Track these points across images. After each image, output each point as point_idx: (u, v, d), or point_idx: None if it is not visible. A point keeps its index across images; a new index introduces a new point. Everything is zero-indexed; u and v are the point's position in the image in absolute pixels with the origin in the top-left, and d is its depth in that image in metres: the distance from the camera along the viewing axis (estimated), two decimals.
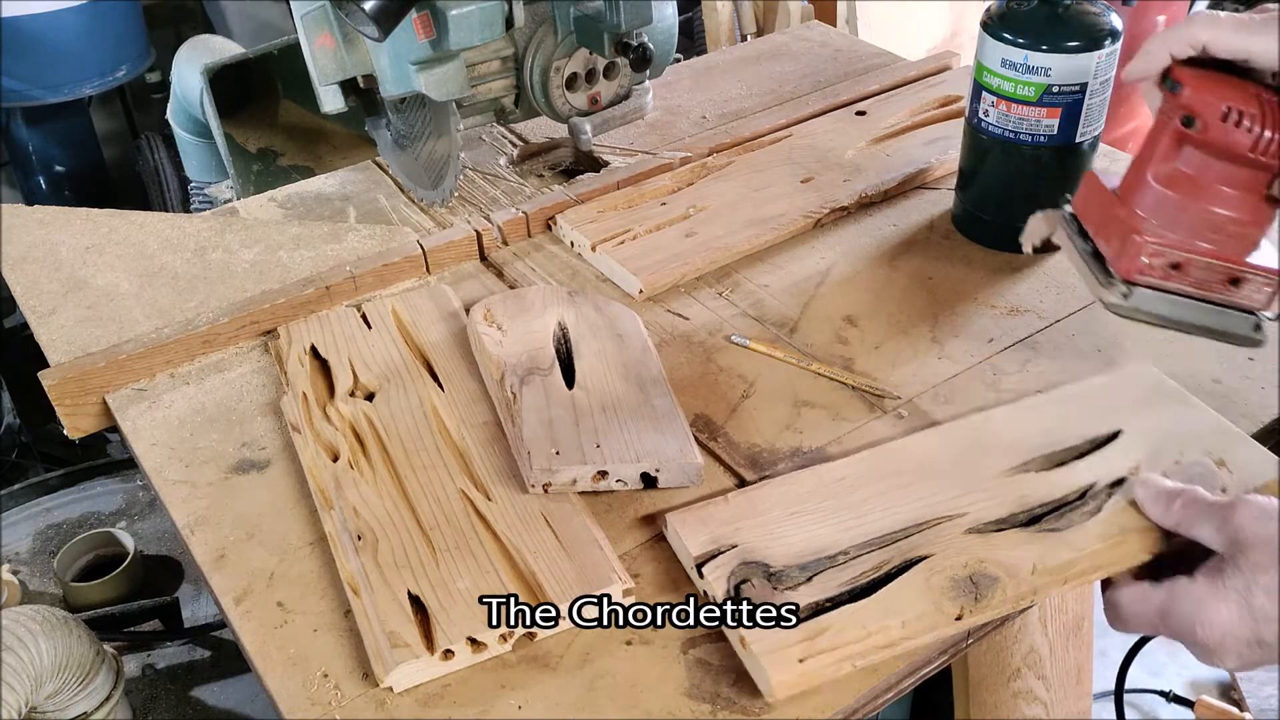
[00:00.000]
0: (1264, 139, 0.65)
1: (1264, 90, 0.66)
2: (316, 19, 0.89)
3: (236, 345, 0.89)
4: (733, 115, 1.17)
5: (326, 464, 0.74)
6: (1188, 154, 0.69)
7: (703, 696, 0.61)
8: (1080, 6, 0.86)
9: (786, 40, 1.34)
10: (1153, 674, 1.82)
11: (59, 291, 0.94)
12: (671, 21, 0.99)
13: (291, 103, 1.58)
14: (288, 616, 0.66)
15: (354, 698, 0.61)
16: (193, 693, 0.96)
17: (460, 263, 0.98)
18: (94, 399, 0.84)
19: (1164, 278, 0.71)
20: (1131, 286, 0.72)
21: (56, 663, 0.76)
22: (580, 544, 0.67)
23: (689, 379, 0.83)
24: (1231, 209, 0.69)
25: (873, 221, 1.01)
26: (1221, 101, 0.65)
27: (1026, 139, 0.89)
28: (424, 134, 1.02)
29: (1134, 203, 0.72)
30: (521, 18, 0.89)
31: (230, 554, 0.70)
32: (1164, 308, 0.72)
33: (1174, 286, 0.71)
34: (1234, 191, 0.69)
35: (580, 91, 1.00)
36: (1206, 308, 0.72)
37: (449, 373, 0.82)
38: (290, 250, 0.98)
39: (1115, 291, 0.73)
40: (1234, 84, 0.66)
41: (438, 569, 0.66)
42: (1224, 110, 0.65)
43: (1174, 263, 0.70)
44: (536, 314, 0.85)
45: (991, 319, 0.88)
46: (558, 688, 0.61)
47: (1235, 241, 0.69)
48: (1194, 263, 0.70)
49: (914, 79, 1.21)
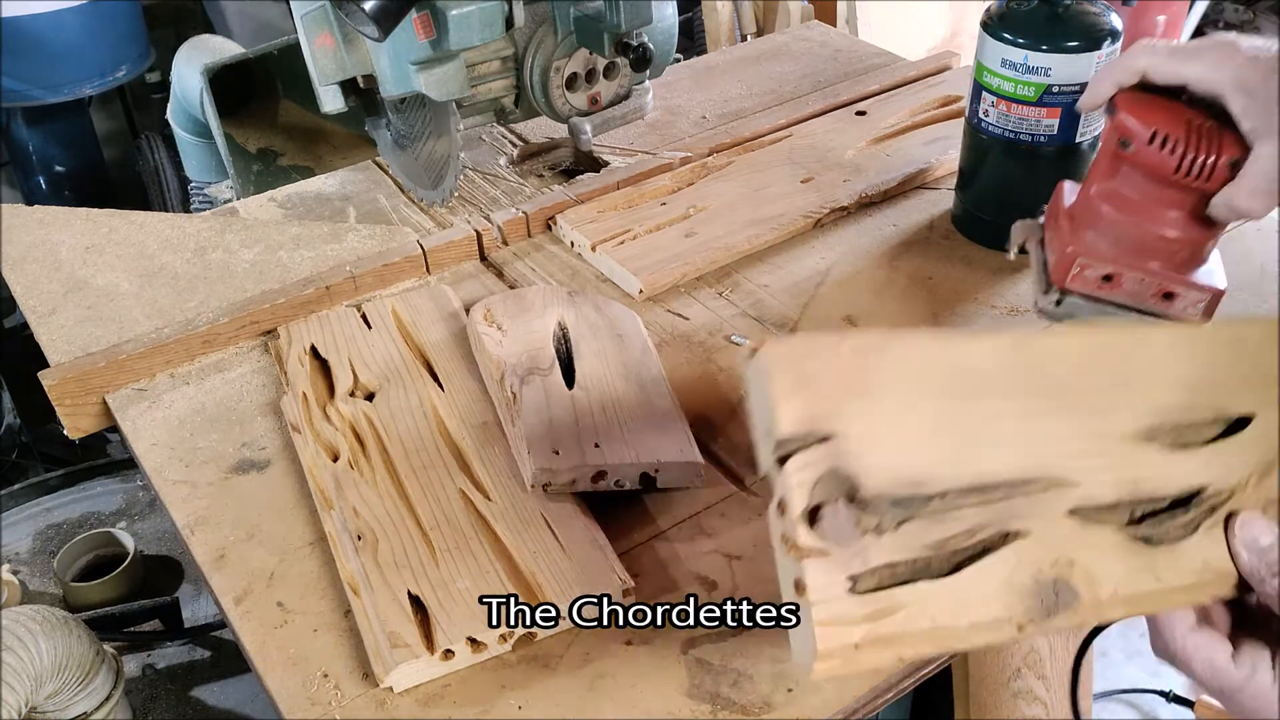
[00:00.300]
0: (1187, 161, 0.67)
1: (1198, 115, 0.68)
2: (316, 19, 0.89)
3: (236, 345, 0.89)
4: (733, 115, 1.17)
5: (326, 464, 0.74)
6: (1125, 173, 0.72)
7: (703, 697, 0.61)
8: (1080, 6, 0.86)
9: (786, 40, 1.34)
10: (1153, 674, 1.82)
11: (59, 291, 0.94)
12: (671, 21, 0.99)
13: (291, 103, 1.58)
14: (288, 616, 0.66)
15: (354, 698, 0.61)
16: (193, 693, 0.96)
17: (460, 263, 0.98)
18: (94, 399, 0.84)
19: (1097, 288, 0.73)
20: (1064, 295, 0.74)
21: (56, 663, 0.76)
22: (580, 544, 0.67)
23: (689, 379, 0.83)
24: (1166, 227, 0.71)
25: (873, 221, 1.01)
26: (1149, 126, 0.68)
27: (1026, 139, 0.89)
28: (424, 134, 1.02)
29: (1077, 216, 0.75)
30: (521, 18, 0.89)
31: (230, 554, 0.70)
32: (1095, 317, 0.75)
33: (1107, 297, 0.74)
34: (1170, 210, 0.71)
35: (580, 91, 1.00)
36: (1138, 319, 0.74)
37: (449, 373, 0.82)
38: (290, 250, 0.98)
39: (1049, 299, 0.76)
40: (1166, 108, 0.69)
41: (438, 569, 0.66)
42: (1151, 134, 0.68)
43: (1106, 275, 0.73)
44: (536, 314, 0.85)
45: (992, 319, 0.88)
46: (558, 688, 0.61)
47: (1170, 258, 0.72)
48: (1126, 276, 0.72)
49: (914, 79, 1.21)
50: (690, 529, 0.71)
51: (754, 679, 0.61)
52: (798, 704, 0.60)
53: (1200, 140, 0.67)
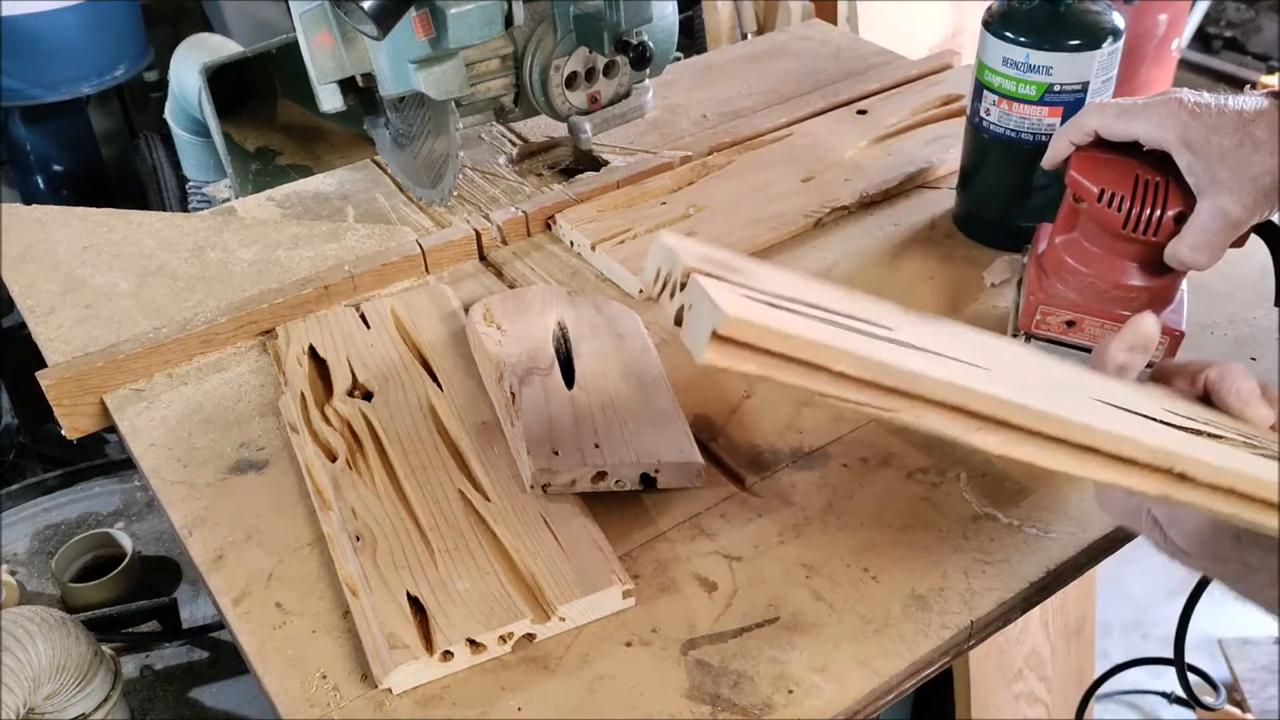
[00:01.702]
0: (1134, 217, 0.70)
1: (1150, 170, 0.71)
2: (315, 17, 0.89)
3: (235, 345, 0.88)
4: (733, 114, 1.17)
5: (325, 464, 0.74)
6: (1084, 226, 0.76)
7: (703, 698, 0.60)
8: (1082, 5, 0.85)
9: (787, 39, 1.34)
10: (1154, 675, 1.82)
11: (57, 291, 0.93)
12: (671, 20, 0.99)
13: (290, 102, 1.58)
14: (286, 617, 0.66)
15: (353, 699, 0.61)
16: (191, 694, 0.96)
17: (459, 262, 0.97)
18: (92, 399, 0.84)
19: (1062, 332, 0.78)
20: (1030, 338, 0.79)
21: (54, 664, 0.76)
22: (579, 544, 0.67)
23: (689, 379, 0.82)
24: (1124, 276, 0.74)
25: (873, 221, 1.01)
26: (1098, 184, 0.71)
27: (1028, 138, 0.89)
28: (423, 133, 1.01)
29: (1044, 264, 0.79)
30: (521, 16, 0.88)
31: (228, 555, 0.70)
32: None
33: (1071, 340, 0.78)
34: (1127, 261, 0.74)
35: (580, 90, 1.00)
36: None
37: (448, 373, 0.82)
38: (289, 250, 0.97)
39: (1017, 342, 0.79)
40: (1117, 165, 0.72)
41: (436, 570, 0.66)
42: (1099, 191, 0.71)
43: (1069, 320, 0.77)
44: (536, 314, 0.85)
45: (993, 319, 0.88)
46: (557, 689, 0.61)
47: (1130, 304, 0.75)
48: (1088, 321, 0.76)
49: (915, 78, 1.21)
50: (690, 529, 0.71)
51: (754, 680, 0.61)
52: (798, 705, 0.60)
53: (1146, 196, 0.70)
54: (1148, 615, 1.95)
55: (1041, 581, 0.67)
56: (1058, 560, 0.68)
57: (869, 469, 0.74)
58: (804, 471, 0.74)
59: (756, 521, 0.71)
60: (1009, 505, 0.71)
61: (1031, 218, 0.87)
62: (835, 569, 0.68)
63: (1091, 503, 0.71)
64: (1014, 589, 0.66)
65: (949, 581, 0.67)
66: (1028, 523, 0.70)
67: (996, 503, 0.72)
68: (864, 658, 0.62)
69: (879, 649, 0.63)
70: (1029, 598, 0.67)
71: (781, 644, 0.63)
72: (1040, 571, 0.67)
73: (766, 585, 0.67)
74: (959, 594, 0.66)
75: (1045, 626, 1.04)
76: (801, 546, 0.69)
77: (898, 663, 0.62)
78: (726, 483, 0.74)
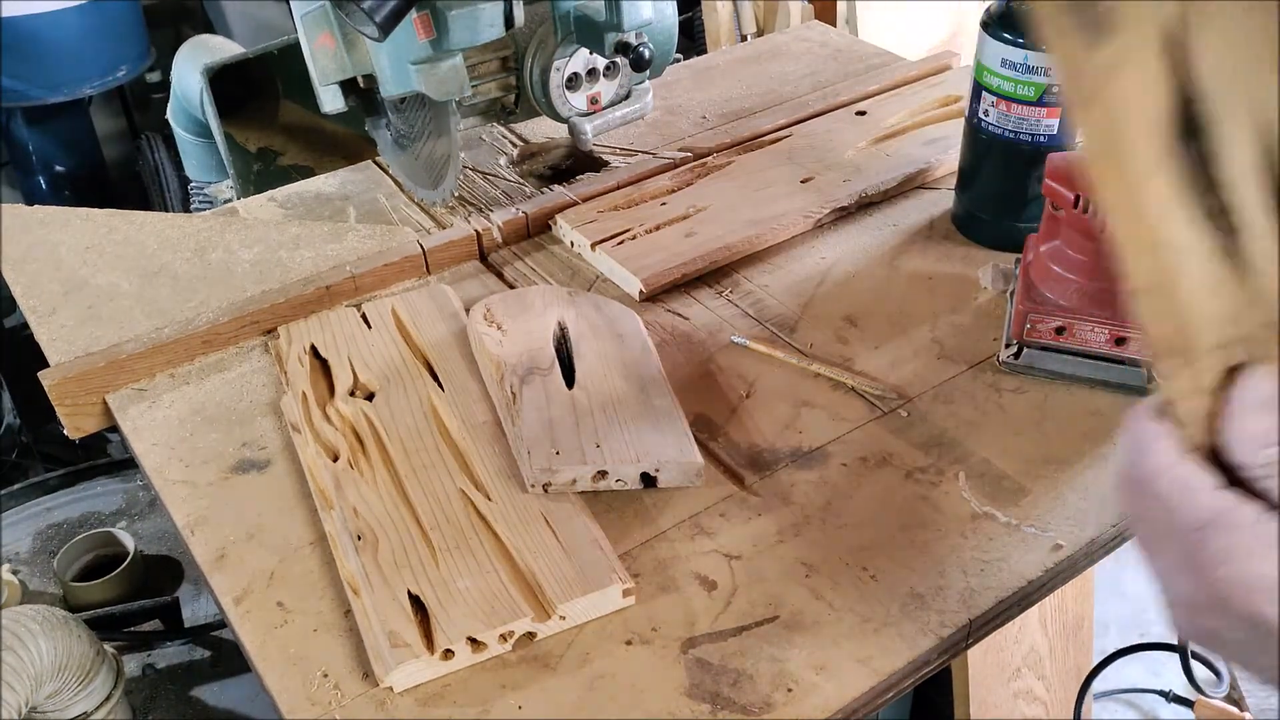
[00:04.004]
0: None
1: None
2: (316, 19, 0.89)
3: (236, 345, 0.89)
4: (733, 115, 1.17)
5: (326, 464, 0.74)
6: (1065, 233, 0.77)
7: (703, 697, 0.61)
8: None
9: (786, 40, 1.34)
10: (1153, 674, 1.82)
11: (59, 291, 0.94)
12: (671, 21, 0.99)
13: (291, 102, 1.58)
14: (288, 616, 0.66)
15: (354, 697, 0.61)
16: (193, 692, 0.96)
17: (460, 263, 0.98)
18: (94, 399, 0.84)
19: (1052, 339, 0.79)
20: (1022, 347, 0.80)
21: (56, 663, 0.76)
22: (580, 544, 0.67)
23: (689, 379, 0.83)
24: (1109, 280, 0.75)
25: (873, 221, 1.01)
26: (1073, 190, 0.73)
27: (1027, 139, 0.89)
28: (424, 134, 1.02)
29: (1031, 273, 0.80)
30: (521, 17, 0.89)
31: (230, 554, 0.70)
32: (1054, 365, 0.80)
33: (1064, 346, 0.79)
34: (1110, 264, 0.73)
35: (580, 91, 1.00)
36: (1096, 363, 0.79)
37: (449, 373, 0.82)
38: (290, 250, 0.98)
39: (1008, 353, 0.81)
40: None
41: (437, 569, 0.66)
42: (1074, 198, 0.73)
43: (1058, 326, 0.78)
44: (536, 314, 0.85)
45: (992, 319, 0.88)
46: (558, 688, 0.61)
47: (1118, 306, 0.75)
48: (1077, 326, 0.77)
49: (914, 79, 1.21)
50: (690, 528, 0.71)
51: (754, 679, 0.61)
52: (797, 704, 0.60)
53: None
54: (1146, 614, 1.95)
55: (1040, 580, 0.67)
56: (1056, 559, 0.68)
57: (868, 468, 0.75)
58: (803, 471, 0.75)
59: (756, 520, 0.71)
60: (1007, 504, 0.72)
61: (1030, 218, 0.87)
62: (834, 568, 0.68)
63: (1090, 502, 0.71)
64: (1012, 588, 0.66)
65: (948, 580, 0.67)
66: (1026, 522, 0.70)
67: (995, 502, 0.72)
68: (863, 656, 0.63)
69: (878, 647, 0.63)
70: (1027, 596, 0.67)
71: (781, 642, 0.63)
72: (1038, 570, 0.67)
73: (766, 584, 0.67)
74: (957, 593, 0.66)
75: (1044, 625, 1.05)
76: (801, 545, 0.69)
77: (896, 661, 0.62)
78: (726, 482, 0.74)
